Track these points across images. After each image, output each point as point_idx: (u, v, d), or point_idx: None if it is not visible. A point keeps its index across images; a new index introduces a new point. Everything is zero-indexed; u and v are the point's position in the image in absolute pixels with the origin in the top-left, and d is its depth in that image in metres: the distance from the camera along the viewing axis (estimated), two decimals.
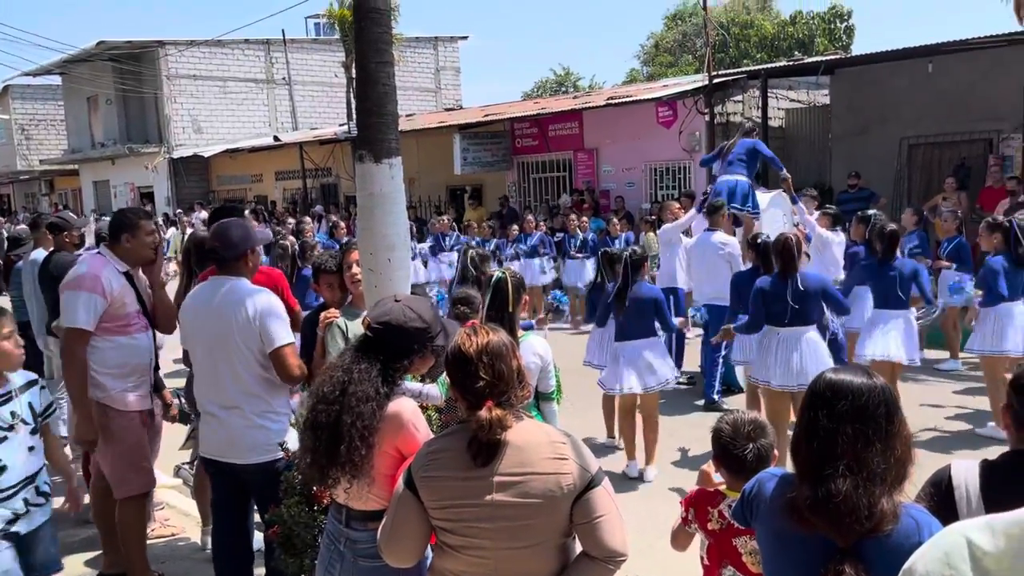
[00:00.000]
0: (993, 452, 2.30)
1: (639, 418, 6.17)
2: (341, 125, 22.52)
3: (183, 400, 4.74)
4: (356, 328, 3.62)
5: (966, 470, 2.19)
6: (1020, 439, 2.16)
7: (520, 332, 3.84)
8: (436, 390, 3.79)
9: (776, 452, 2.63)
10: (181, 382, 4.88)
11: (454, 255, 12.50)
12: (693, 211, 8.85)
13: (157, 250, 4.31)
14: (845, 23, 29.80)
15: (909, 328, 6.37)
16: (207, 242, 4.04)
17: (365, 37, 3.39)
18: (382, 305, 2.66)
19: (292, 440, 3.61)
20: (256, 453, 3.58)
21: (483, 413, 2.12)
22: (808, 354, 5.57)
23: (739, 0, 32.38)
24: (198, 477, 4.90)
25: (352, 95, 20.06)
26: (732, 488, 2.62)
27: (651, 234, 11.54)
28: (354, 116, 14.57)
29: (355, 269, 3.98)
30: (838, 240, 8.22)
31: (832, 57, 16.36)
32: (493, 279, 3.82)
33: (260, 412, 3.61)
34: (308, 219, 15.68)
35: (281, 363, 3.57)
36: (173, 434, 5.25)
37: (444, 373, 3.78)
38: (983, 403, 7.08)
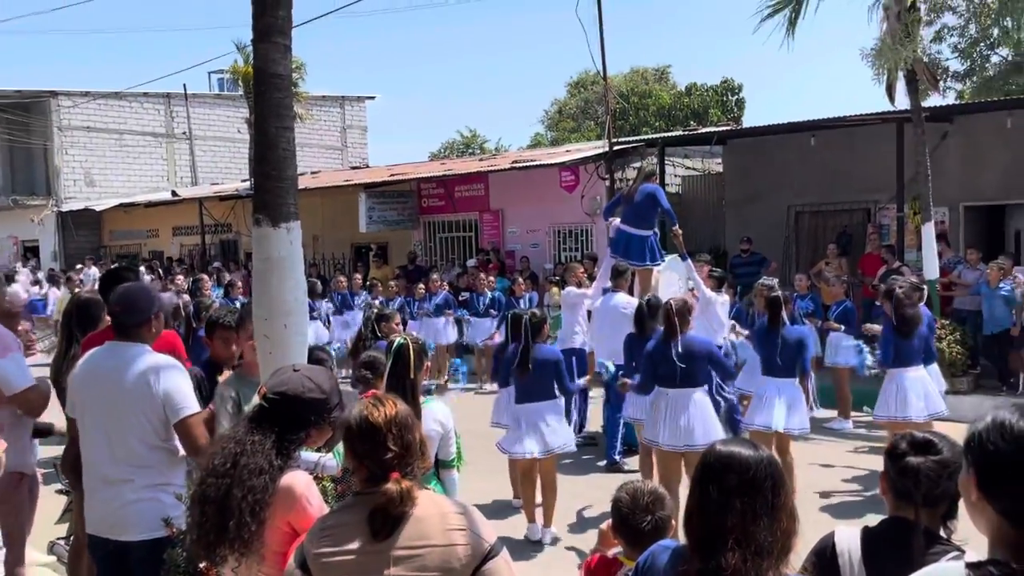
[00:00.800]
0: (877, 517, 2.40)
1: (539, 481, 6.16)
2: (243, 181, 22.14)
3: (59, 472, 4.47)
4: (249, 396, 3.51)
5: (849, 537, 2.28)
6: (897, 506, 2.26)
7: (422, 398, 3.81)
8: (332, 460, 3.69)
9: (674, 522, 2.67)
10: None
11: (360, 315, 12.34)
12: (598, 285, 8.92)
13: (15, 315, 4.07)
14: (736, 96, 31.48)
15: (795, 396, 6.46)
16: (109, 307, 3.84)
17: (266, 101, 3.38)
18: (279, 375, 2.59)
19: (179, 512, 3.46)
20: (148, 529, 3.38)
21: (391, 486, 2.08)
22: (696, 415, 5.70)
23: (638, 71, 33.81)
24: (73, 555, 4.59)
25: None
26: (629, 557, 2.64)
27: (555, 289, 11.74)
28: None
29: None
30: (722, 300, 8.53)
31: (725, 128, 17.22)
32: (395, 345, 3.79)
33: (153, 485, 3.42)
34: (205, 276, 15.24)
35: (187, 434, 3.41)
36: (49, 507, 4.93)
37: (340, 442, 3.72)
38: (873, 463, 7.39)
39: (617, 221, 8.86)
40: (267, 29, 3.39)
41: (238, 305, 12.27)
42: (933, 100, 17.08)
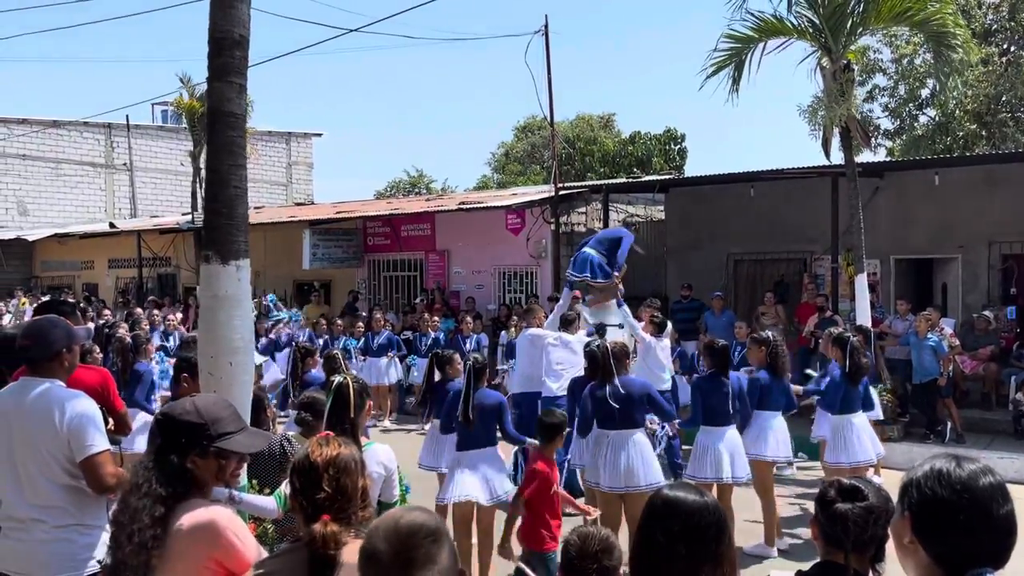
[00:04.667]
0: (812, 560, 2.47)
1: (475, 533, 5.90)
2: (184, 214, 21.79)
3: None
4: None
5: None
6: (828, 551, 2.34)
7: (364, 440, 3.78)
8: (272, 503, 3.64)
9: (622, 570, 2.70)
10: None
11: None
12: (553, 320, 9.03)
13: None
14: (679, 145, 32.27)
15: (737, 445, 6.52)
16: (19, 341, 3.71)
17: (219, 139, 3.38)
18: (178, 400, 2.59)
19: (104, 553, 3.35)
20: (60, 570, 3.26)
21: (317, 527, 2.06)
22: (635, 457, 5.74)
23: (584, 118, 34.45)
24: None
25: (199, 186, 19.70)
26: None
27: (513, 331, 11.75)
28: (199, 207, 14.17)
29: None
30: (662, 345, 8.67)
31: (667, 177, 17.64)
32: (334, 385, 3.76)
33: (65, 525, 3.30)
34: (140, 311, 14.88)
35: (92, 472, 3.29)
36: None
37: (282, 486, 3.67)
38: (809, 506, 7.55)
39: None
40: (223, 68, 3.41)
41: (171, 341, 12.08)
42: (866, 156, 17.80)
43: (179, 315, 14.47)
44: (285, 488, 3.65)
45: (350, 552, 2.08)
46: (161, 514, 2.29)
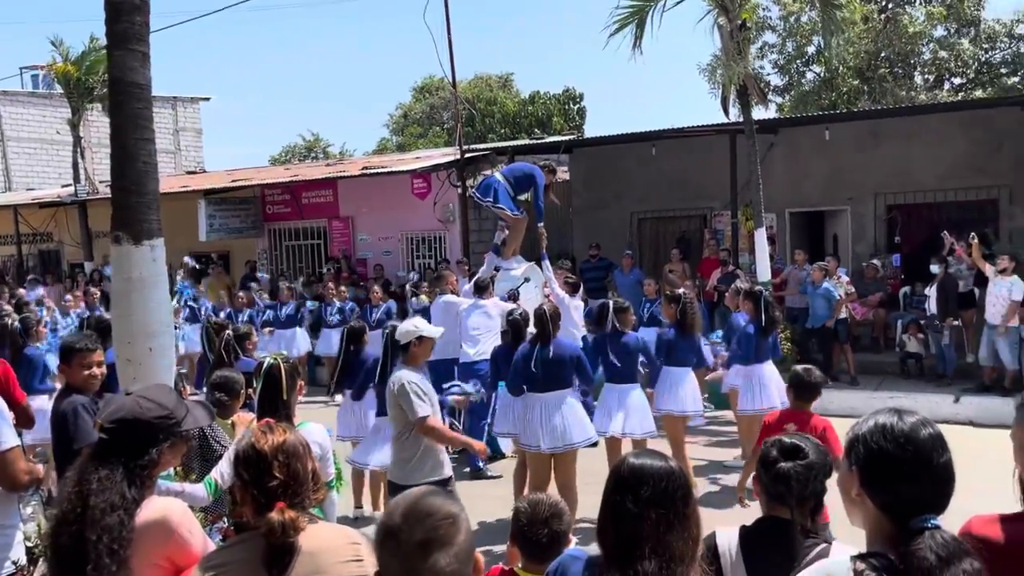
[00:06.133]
0: (744, 514, 2.58)
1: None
2: (65, 187, 20.56)
3: None
4: None
5: (728, 537, 2.45)
6: (771, 507, 2.45)
7: (297, 419, 3.70)
8: (201, 490, 3.52)
9: (571, 536, 2.74)
10: None
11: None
12: (468, 288, 8.96)
13: None
14: (578, 105, 32.49)
15: (640, 400, 6.65)
16: None
17: (123, 112, 3.18)
18: (112, 403, 2.46)
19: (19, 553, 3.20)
20: None
21: (274, 515, 2.02)
22: (570, 416, 5.87)
23: (482, 78, 34.20)
24: None
25: (80, 155, 18.56)
26: (527, 569, 2.68)
27: (423, 296, 11.62)
28: (82, 179, 13.37)
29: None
30: (576, 304, 8.81)
31: (571, 137, 17.73)
32: (264, 367, 3.66)
33: None
34: (22, 291, 14.05)
35: (4, 471, 3.13)
36: None
37: (211, 472, 3.56)
38: (719, 455, 7.88)
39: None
40: (123, 35, 3.20)
41: (65, 321, 11.45)
42: (759, 113, 18.33)
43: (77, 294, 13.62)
44: (215, 474, 3.54)
45: (306, 538, 2.04)
46: (130, 520, 2.21)
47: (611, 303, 6.78)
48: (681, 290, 7.42)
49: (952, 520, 1.75)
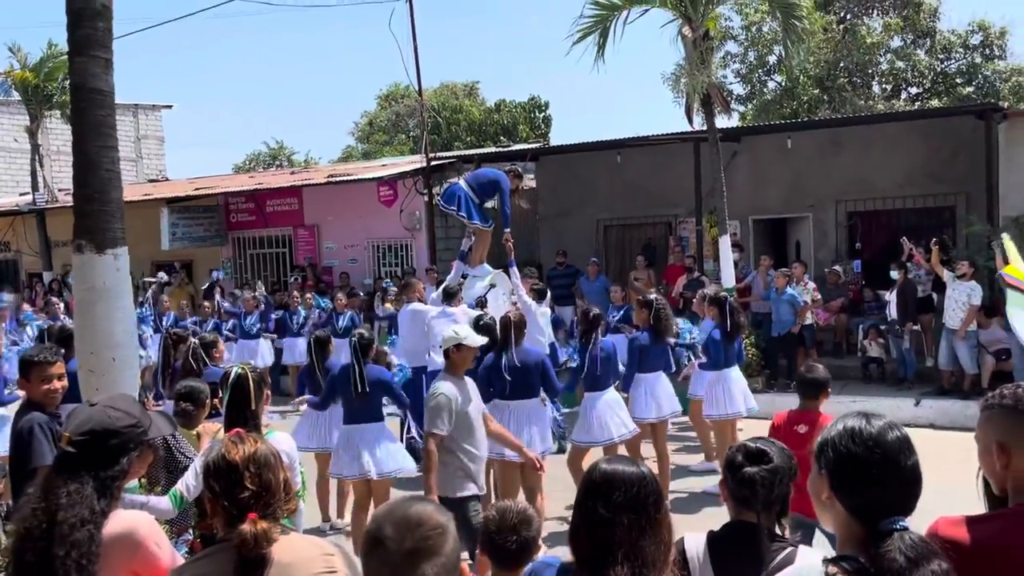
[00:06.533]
0: (707, 518, 2.60)
1: (372, 509, 6.03)
2: (23, 195, 20.15)
3: None
4: None
5: (696, 542, 2.47)
6: (738, 511, 2.48)
7: (264, 430, 3.66)
8: (166, 503, 3.47)
9: (540, 543, 2.74)
10: None
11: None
12: (436, 296, 8.94)
13: None
14: (543, 113, 32.61)
15: (618, 405, 6.69)
16: None
17: (85, 119, 3.13)
18: (78, 415, 2.42)
19: None
20: None
21: (246, 527, 2.00)
22: (533, 425, 5.89)
23: (448, 86, 34.19)
24: None
25: (39, 163, 18.19)
26: None
27: (388, 305, 11.59)
28: (41, 187, 13.08)
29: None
30: (542, 311, 8.83)
31: (537, 145, 17.81)
32: (232, 377, 3.61)
33: None
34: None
35: None
36: None
37: (176, 484, 3.50)
38: (686, 459, 7.95)
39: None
40: (85, 41, 3.15)
41: (30, 331, 11.19)
42: (722, 121, 18.55)
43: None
44: (180, 486, 3.49)
45: (279, 549, 2.02)
46: (99, 534, 2.17)
47: (596, 312, 6.85)
48: (652, 295, 7.46)
49: (916, 520, 1.79)
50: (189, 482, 3.50)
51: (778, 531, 2.49)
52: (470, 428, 4.73)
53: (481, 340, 4.96)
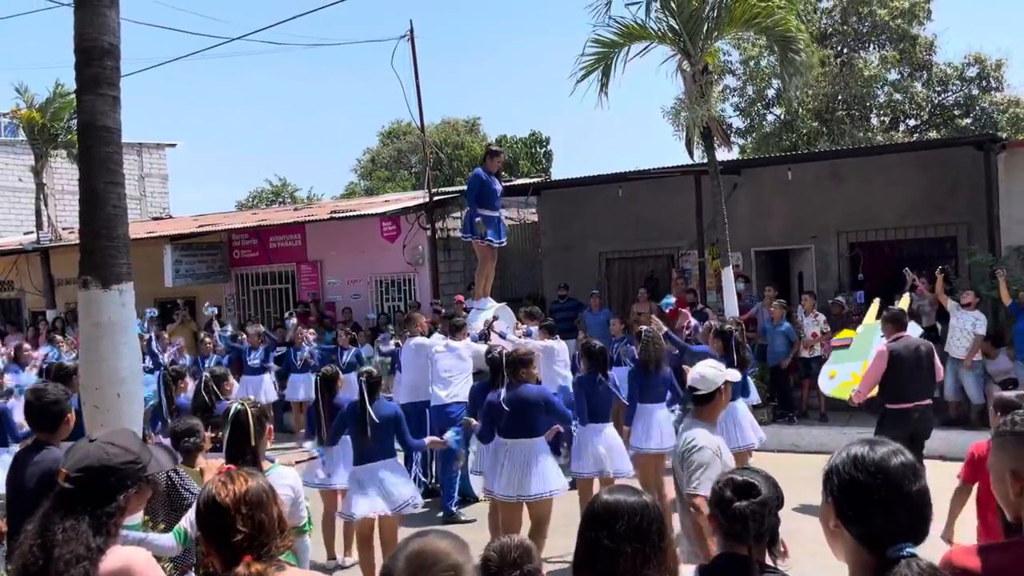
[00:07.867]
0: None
1: (378, 545, 5.90)
2: (27, 234, 20.26)
3: None
4: None
5: (686, 574, 2.43)
6: (729, 545, 2.45)
7: (266, 464, 3.64)
8: (170, 540, 3.44)
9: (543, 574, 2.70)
10: None
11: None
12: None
13: None
14: (544, 148, 32.90)
15: (615, 441, 6.64)
16: None
17: (93, 156, 3.17)
18: (76, 451, 2.40)
19: None
20: None
21: (241, 570, 1.97)
22: (531, 465, 5.74)
23: (449, 122, 34.53)
24: None
25: (43, 202, 18.31)
26: None
27: (393, 341, 11.57)
28: (45, 226, 13.12)
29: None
30: (558, 347, 8.78)
31: (538, 180, 17.92)
32: (231, 413, 3.60)
33: None
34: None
35: None
36: None
37: (181, 521, 3.48)
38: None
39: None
40: (94, 80, 3.20)
41: (31, 374, 11.18)
42: (722, 154, 18.69)
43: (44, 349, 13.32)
44: (184, 523, 3.46)
45: None
46: (95, 570, 2.14)
47: (595, 346, 6.81)
48: (642, 327, 7.44)
49: (925, 550, 1.77)
50: (193, 519, 3.47)
51: (768, 561, 2.46)
52: None
53: (734, 376, 4.38)
